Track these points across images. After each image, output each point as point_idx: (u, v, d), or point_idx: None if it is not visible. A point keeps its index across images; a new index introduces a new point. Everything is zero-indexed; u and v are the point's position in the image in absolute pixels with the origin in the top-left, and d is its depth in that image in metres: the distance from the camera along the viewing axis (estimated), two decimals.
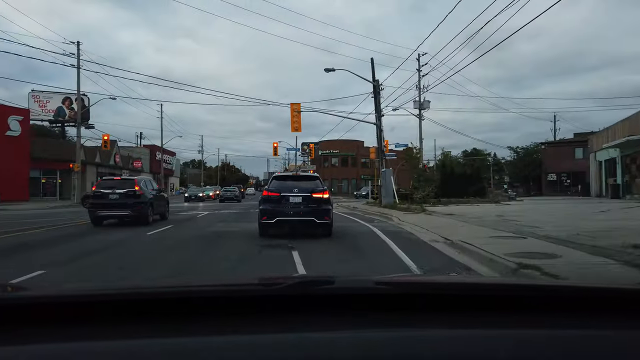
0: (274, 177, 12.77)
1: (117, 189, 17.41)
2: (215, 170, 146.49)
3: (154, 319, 1.21)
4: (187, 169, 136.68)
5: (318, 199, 11.32)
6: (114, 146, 56.74)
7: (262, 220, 11.38)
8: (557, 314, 1.29)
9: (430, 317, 1.26)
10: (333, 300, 1.31)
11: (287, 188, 11.50)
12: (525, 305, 1.32)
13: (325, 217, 11.26)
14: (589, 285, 1.69)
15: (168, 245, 10.86)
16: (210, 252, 9.52)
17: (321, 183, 12.06)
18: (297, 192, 11.31)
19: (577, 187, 48.04)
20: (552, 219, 15.49)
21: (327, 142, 78.15)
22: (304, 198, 11.27)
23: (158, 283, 2.48)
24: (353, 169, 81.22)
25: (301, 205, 11.25)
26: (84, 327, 1.16)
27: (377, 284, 1.46)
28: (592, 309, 1.29)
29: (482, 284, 1.94)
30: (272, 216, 11.17)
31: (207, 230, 14.11)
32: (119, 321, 1.19)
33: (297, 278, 1.90)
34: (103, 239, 12.17)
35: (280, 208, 11.28)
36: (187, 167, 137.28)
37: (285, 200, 11.31)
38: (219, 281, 2.00)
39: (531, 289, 1.55)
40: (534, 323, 1.22)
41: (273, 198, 11.39)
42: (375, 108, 27.63)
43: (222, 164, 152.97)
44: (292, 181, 12.01)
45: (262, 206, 11.49)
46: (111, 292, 1.51)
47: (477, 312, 1.28)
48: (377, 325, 1.19)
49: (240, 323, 1.19)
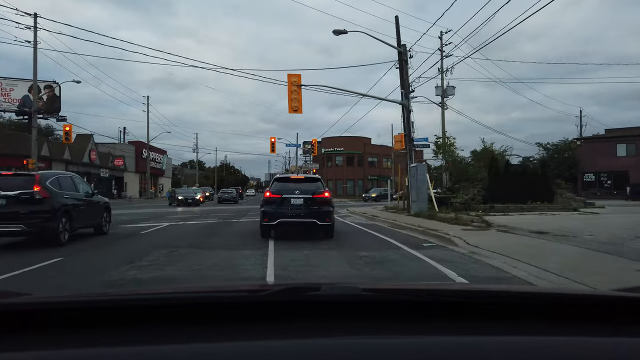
0: (275, 178, 12.51)
1: (2, 189, 10.63)
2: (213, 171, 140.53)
3: (141, 326, 1.20)
4: (185, 170, 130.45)
5: (319, 200, 11.26)
6: (89, 141, 49.87)
7: (263, 222, 11.34)
8: (545, 321, 1.27)
9: (417, 324, 1.26)
10: (320, 307, 1.31)
11: (288, 190, 11.38)
12: (518, 313, 1.31)
13: (327, 218, 11.21)
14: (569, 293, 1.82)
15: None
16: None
17: (322, 184, 11.93)
18: (299, 194, 11.20)
19: (626, 189, 41.11)
20: None
21: (331, 139, 71.27)
22: (306, 200, 11.15)
23: (145, 290, 2.38)
24: (359, 168, 74.24)
25: (302, 207, 11.15)
26: (66, 334, 1.15)
27: (364, 291, 1.46)
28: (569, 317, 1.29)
29: (473, 291, 1.73)
30: (273, 218, 11.15)
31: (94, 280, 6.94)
32: (103, 328, 1.19)
33: (284, 285, 1.54)
34: None
35: (281, 210, 11.23)
36: (185, 167, 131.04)
37: (287, 202, 11.22)
38: (204, 288, 1.95)
39: (523, 297, 1.52)
40: (526, 330, 1.22)
41: (274, 200, 11.33)
42: (401, 82, 20.80)
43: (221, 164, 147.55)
44: (293, 183, 11.79)
45: (264, 208, 11.42)
46: (97, 299, 1.49)
47: (468, 318, 1.28)
48: (364, 332, 1.19)
49: (226, 330, 1.20)
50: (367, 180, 74.63)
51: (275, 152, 48.65)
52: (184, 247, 10.21)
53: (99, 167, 53.16)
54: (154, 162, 74.53)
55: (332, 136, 69.59)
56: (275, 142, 49.47)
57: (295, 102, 19.51)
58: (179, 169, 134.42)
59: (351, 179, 72.90)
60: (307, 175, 15.18)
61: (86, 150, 49.26)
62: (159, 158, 77.72)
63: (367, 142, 75.41)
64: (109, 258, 9.07)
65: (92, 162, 50.50)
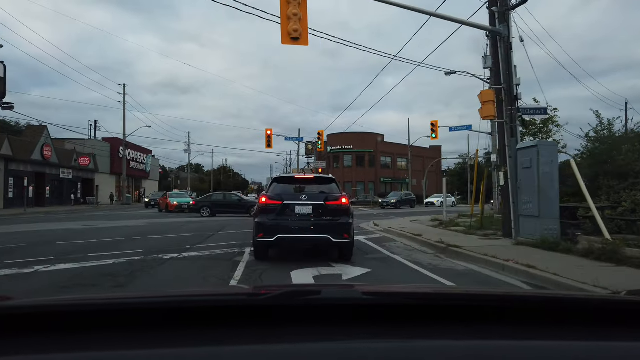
0: (274, 179, 9.61)
1: None
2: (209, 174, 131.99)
3: (139, 329, 1.17)
4: (181, 173, 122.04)
5: (335, 208, 8.49)
6: (42, 134, 40.28)
7: (257, 238, 8.53)
8: (551, 324, 1.25)
9: (419, 328, 1.23)
10: (321, 311, 1.28)
11: (292, 194, 8.72)
12: (520, 316, 1.29)
13: (344, 234, 8.42)
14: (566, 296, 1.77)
15: None
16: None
17: (338, 187, 9.12)
18: (306, 200, 8.47)
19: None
20: None
21: (338, 135, 61.58)
22: (316, 208, 8.41)
23: (142, 294, 2.32)
24: (370, 169, 64.47)
25: (311, 218, 8.38)
26: (62, 338, 1.12)
27: (364, 294, 1.45)
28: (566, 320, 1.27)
29: (473, 294, 1.69)
30: (271, 233, 8.36)
31: None
32: (100, 331, 1.16)
33: (284, 288, 1.51)
34: None
35: (282, 222, 8.43)
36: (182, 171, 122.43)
37: (290, 210, 8.45)
38: (203, 292, 1.98)
39: (525, 301, 1.48)
40: (529, 334, 1.19)
41: (273, 208, 8.51)
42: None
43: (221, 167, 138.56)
44: (298, 185, 9.06)
45: (259, 219, 8.60)
46: (94, 302, 1.46)
47: (472, 322, 1.25)
48: (365, 336, 1.17)
49: (224, 333, 1.17)
50: (379, 183, 64.85)
51: (271, 147, 38.96)
52: None
53: (58, 167, 43.58)
54: (135, 163, 64.93)
55: (339, 132, 59.95)
56: (272, 135, 39.95)
57: (294, 27, 10.00)
58: (176, 172, 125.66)
59: (361, 181, 63.14)
60: (318, 174, 11.39)
61: (37, 145, 39.70)
62: (141, 158, 68.11)
63: (379, 138, 65.69)
64: None
65: (46, 160, 40.89)
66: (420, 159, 68.29)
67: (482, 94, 11.15)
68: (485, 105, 11.04)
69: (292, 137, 44.80)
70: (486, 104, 11.03)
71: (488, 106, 11.01)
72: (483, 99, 11.10)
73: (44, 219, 23.78)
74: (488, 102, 11.01)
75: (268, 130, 40.05)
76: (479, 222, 14.07)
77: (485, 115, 11.09)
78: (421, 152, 68.77)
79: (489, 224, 14.12)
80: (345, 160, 64.77)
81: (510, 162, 10.93)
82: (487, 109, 11.03)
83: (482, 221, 13.67)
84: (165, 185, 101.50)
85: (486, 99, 11.04)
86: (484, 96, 11.09)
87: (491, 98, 11.03)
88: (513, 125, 10.95)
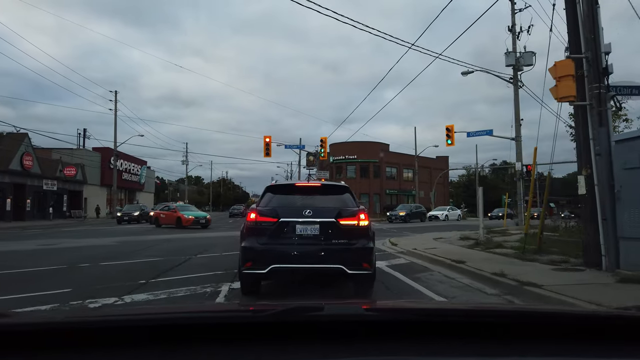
0: (268, 188, 6.89)
1: None
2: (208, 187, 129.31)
3: (139, 346, 1.16)
4: (181, 186, 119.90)
5: (350, 228, 6.20)
6: (22, 142, 37.20)
7: (244, 268, 6.15)
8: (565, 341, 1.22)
9: (423, 345, 1.20)
10: (324, 327, 1.27)
11: (291, 208, 6.33)
12: (526, 333, 1.25)
13: (364, 262, 6.10)
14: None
15: None
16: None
17: (353, 198, 6.75)
18: (311, 216, 6.15)
19: None
20: None
21: (341, 145, 58.54)
22: (324, 227, 6.11)
23: (141, 310, 2.32)
24: (375, 181, 61.22)
25: (319, 241, 6.09)
26: (67, 354, 1.13)
27: (367, 311, 1.43)
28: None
29: (478, 310, 1.66)
30: (262, 262, 6.00)
31: None
32: (100, 349, 1.15)
33: (286, 305, 1.44)
34: None
35: (278, 246, 6.12)
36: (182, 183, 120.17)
37: (289, 230, 6.14)
38: (204, 308, 1.93)
39: (530, 316, 1.46)
40: (534, 351, 1.17)
41: (265, 227, 6.18)
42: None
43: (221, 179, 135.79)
44: (300, 195, 6.73)
45: (246, 242, 6.23)
46: (95, 319, 1.45)
47: (477, 339, 1.23)
48: (367, 353, 1.16)
49: (228, 350, 1.16)
50: (384, 195, 61.60)
51: (270, 155, 35.94)
52: None
53: (41, 178, 40.39)
54: (128, 174, 61.81)
55: (342, 142, 56.88)
56: (271, 143, 36.90)
57: None
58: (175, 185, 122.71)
59: (366, 193, 59.76)
60: (327, 182, 7.88)
61: (17, 154, 36.58)
62: (135, 169, 65.03)
63: (384, 148, 62.53)
64: None
65: (27, 170, 37.73)
66: (427, 169, 65.14)
67: (556, 66, 7.93)
68: (562, 81, 7.84)
69: (292, 145, 41.57)
70: (563, 79, 7.83)
71: (566, 83, 7.80)
72: (558, 73, 7.91)
73: (3, 236, 20.54)
74: (566, 78, 7.81)
75: (267, 138, 37.08)
76: (527, 241, 10.81)
77: (563, 95, 7.86)
78: (427, 162, 65.62)
79: (545, 245, 10.87)
80: (349, 170, 61.57)
81: (599, 161, 7.72)
82: (564, 87, 7.82)
83: (540, 242, 10.40)
84: (163, 197, 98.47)
85: (563, 72, 7.84)
86: (560, 69, 7.89)
87: (570, 71, 7.83)
88: (602, 110, 7.75)
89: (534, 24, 26.94)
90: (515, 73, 26.04)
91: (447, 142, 28.90)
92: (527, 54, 25.68)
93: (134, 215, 36.26)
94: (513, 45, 26.16)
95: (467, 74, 27.80)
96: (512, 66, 25.85)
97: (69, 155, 48.51)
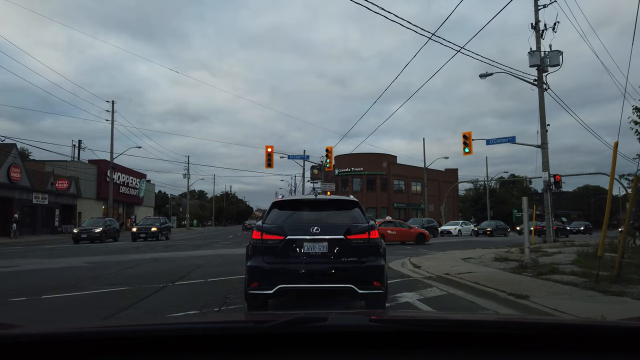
0: (274, 204, 6.80)
1: None
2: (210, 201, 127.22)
3: (143, 356, 1.17)
4: (183, 200, 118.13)
5: (360, 245, 6.14)
6: (8, 153, 35.08)
7: (250, 288, 6.01)
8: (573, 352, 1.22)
9: (429, 357, 1.19)
10: (328, 338, 1.26)
11: (298, 225, 6.30)
12: (533, 345, 1.23)
13: (375, 281, 6.02)
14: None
15: None
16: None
17: (363, 213, 6.63)
18: (319, 233, 6.10)
19: None
20: None
21: (347, 156, 56.29)
22: (333, 244, 6.06)
23: (144, 321, 2.29)
24: (382, 194, 58.80)
25: (327, 259, 6.03)
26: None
27: (371, 321, 1.41)
28: None
29: (483, 321, 1.62)
30: (268, 282, 5.93)
31: None
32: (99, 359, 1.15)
33: (290, 315, 1.43)
34: None
35: (285, 265, 6.04)
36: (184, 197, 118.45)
37: (296, 248, 6.07)
38: (207, 318, 2.00)
39: (535, 327, 1.43)
40: None
41: (271, 245, 6.12)
42: None
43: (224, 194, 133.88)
44: (307, 211, 6.65)
45: (251, 262, 6.15)
46: (98, 330, 1.44)
47: (481, 350, 1.21)
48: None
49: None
50: (392, 209, 59.08)
51: (272, 166, 33.77)
52: None
53: (31, 191, 38.23)
54: (126, 187, 59.67)
55: (348, 153, 54.64)
56: (273, 153, 34.68)
57: None
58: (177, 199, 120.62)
59: (373, 206, 57.29)
60: (335, 197, 7.98)
61: (3, 166, 34.44)
62: (134, 182, 62.84)
63: (391, 160, 60.20)
64: None
65: (14, 182, 35.57)
66: (436, 182, 62.73)
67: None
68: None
69: (295, 155, 39.36)
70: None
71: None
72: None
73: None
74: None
75: (268, 148, 34.93)
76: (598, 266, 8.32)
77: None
78: (436, 175, 63.23)
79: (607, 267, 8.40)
80: (355, 183, 59.24)
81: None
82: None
83: (619, 268, 7.91)
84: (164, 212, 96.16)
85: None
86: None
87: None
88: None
89: (559, 20, 24.42)
90: (539, 74, 23.74)
91: (465, 151, 26.51)
92: (554, 53, 23.41)
93: (95, 232, 29.21)
94: (537, 44, 23.88)
95: (486, 76, 25.53)
96: (537, 67, 23.58)
97: (62, 167, 46.40)
